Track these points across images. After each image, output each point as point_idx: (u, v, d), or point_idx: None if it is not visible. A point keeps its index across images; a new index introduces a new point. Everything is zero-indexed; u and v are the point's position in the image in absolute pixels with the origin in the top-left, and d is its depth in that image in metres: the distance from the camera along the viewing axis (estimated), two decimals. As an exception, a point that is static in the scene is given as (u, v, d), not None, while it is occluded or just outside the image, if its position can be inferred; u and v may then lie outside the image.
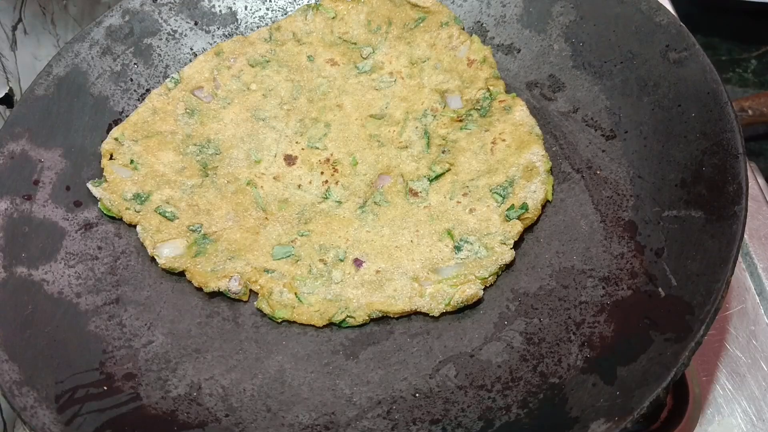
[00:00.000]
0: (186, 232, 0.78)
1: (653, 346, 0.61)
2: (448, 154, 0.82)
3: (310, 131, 0.85)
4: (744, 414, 0.73)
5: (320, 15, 0.93)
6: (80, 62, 0.88)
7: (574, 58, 0.85)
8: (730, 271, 0.61)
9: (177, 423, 0.66)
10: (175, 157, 0.84)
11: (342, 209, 0.79)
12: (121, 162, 0.82)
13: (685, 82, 0.75)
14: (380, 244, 0.76)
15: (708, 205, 0.66)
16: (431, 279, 0.73)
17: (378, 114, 0.86)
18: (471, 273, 0.72)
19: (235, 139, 0.85)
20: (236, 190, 0.81)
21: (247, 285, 0.75)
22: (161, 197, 0.80)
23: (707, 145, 0.70)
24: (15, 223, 0.77)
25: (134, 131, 0.85)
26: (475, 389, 0.66)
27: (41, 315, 0.71)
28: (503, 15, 0.90)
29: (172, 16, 0.94)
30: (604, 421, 0.57)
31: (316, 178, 0.82)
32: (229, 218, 0.79)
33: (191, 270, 0.76)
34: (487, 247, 0.74)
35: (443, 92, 0.86)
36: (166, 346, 0.72)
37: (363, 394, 0.67)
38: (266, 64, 0.90)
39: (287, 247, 0.77)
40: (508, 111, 0.83)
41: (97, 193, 0.80)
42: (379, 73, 0.89)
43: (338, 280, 0.74)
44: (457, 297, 0.70)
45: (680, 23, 0.78)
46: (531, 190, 0.76)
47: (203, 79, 0.89)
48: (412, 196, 0.79)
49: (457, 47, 0.89)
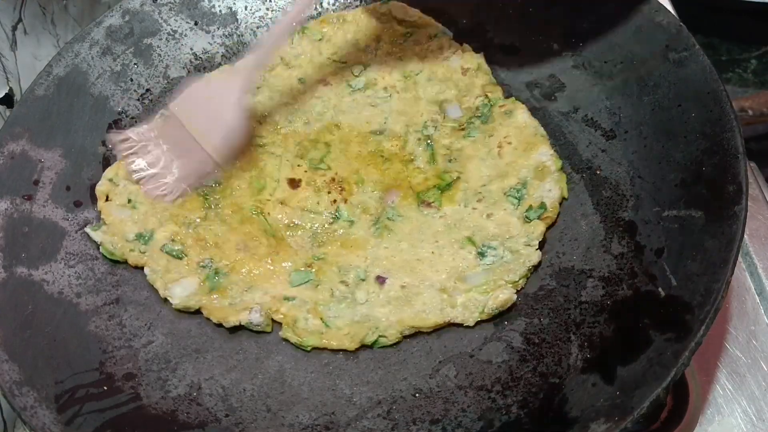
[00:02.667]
0: (197, 269, 0.75)
1: (653, 346, 0.61)
2: (456, 162, 0.81)
3: (310, 153, 0.83)
4: (744, 414, 0.73)
5: (306, 38, 0.92)
6: (80, 62, 0.88)
7: (574, 58, 0.85)
8: (730, 271, 0.61)
9: (177, 423, 0.66)
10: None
11: (355, 228, 0.77)
12: (119, 202, 0.79)
13: (685, 82, 0.75)
14: (401, 259, 0.74)
15: (708, 205, 0.66)
16: (460, 288, 0.71)
17: (378, 130, 0.84)
18: (500, 278, 0.71)
19: (235, 169, 0.82)
20: (243, 219, 0.78)
21: (268, 315, 0.72)
22: (165, 234, 0.77)
23: (707, 145, 0.70)
24: (15, 223, 0.77)
25: (128, 170, 0.81)
26: (475, 389, 0.66)
27: (41, 315, 0.71)
28: (503, 15, 0.90)
29: (172, 16, 0.94)
30: (604, 421, 0.57)
31: (324, 198, 0.80)
32: (239, 249, 0.76)
33: (208, 307, 0.73)
34: (511, 250, 0.73)
35: (441, 102, 0.86)
36: (166, 346, 0.72)
37: (363, 394, 0.68)
38: (257, 90, 0.89)
39: (305, 272, 0.75)
40: (510, 115, 0.82)
41: (98, 238, 0.77)
42: (374, 89, 0.88)
43: (363, 300, 0.72)
44: (490, 304, 0.69)
45: (680, 23, 0.78)
46: (546, 189, 0.76)
47: None
48: (425, 208, 0.78)
49: (448, 57, 0.88)
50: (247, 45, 0.95)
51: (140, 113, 0.89)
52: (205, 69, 0.93)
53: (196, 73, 0.92)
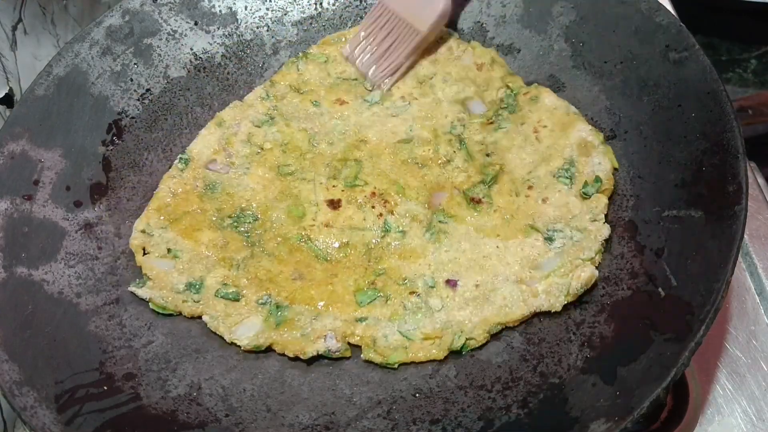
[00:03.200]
0: (257, 307, 0.73)
1: (653, 346, 0.61)
2: (494, 155, 0.80)
3: (343, 172, 0.82)
4: (744, 414, 0.73)
5: (311, 62, 0.92)
6: (80, 62, 0.88)
7: (574, 58, 0.85)
8: (730, 271, 0.61)
9: (177, 423, 0.66)
10: (213, 235, 0.78)
11: (409, 238, 0.76)
12: (158, 254, 0.77)
13: (685, 82, 0.75)
14: (466, 259, 0.73)
15: (708, 205, 0.66)
16: (536, 276, 0.71)
17: (406, 138, 0.83)
18: (576, 258, 0.70)
19: (269, 201, 0.81)
20: (291, 249, 0.77)
21: (344, 339, 0.70)
22: (216, 279, 0.75)
23: (707, 145, 0.70)
24: (15, 223, 0.77)
25: (159, 218, 0.80)
26: (475, 389, 0.66)
27: (41, 315, 0.71)
28: (503, 15, 0.90)
29: (172, 16, 0.94)
30: (604, 421, 0.57)
31: (369, 214, 0.78)
32: (294, 279, 0.75)
33: (280, 342, 0.71)
34: (579, 229, 0.73)
35: (463, 101, 0.85)
36: (166, 346, 0.72)
37: (363, 394, 0.68)
38: (272, 121, 0.87)
39: (370, 291, 0.73)
40: (536, 101, 0.82)
41: (145, 294, 0.74)
42: (391, 100, 0.87)
43: (439, 307, 0.71)
44: (574, 284, 0.69)
45: (680, 23, 0.78)
46: (595, 162, 0.76)
47: (212, 152, 0.85)
48: (476, 205, 0.77)
49: (460, 56, 0.88)
50: (248, 45, 0.95)
51: (140, 113, 0.89)
52: (205, 69, 0.93)
53: (196, 73, 0.92)
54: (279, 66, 0.94)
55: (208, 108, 0.91)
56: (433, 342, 0.69)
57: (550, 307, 0.69)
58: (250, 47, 0.95)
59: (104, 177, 0.83)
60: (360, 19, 0.95)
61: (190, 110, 0.91)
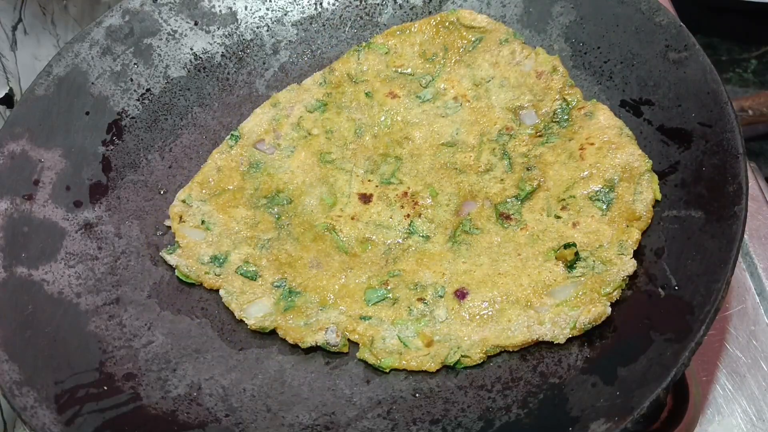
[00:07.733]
0: (271, 289, 0.75)
1: (653, 346, 0.61)
2: (535, 170, 0.77)
3: (381, 168, 0.82)
4: (744, 414, 0.73)
5: (372, 53, 0.91)
6: (80, 62, 0.88)
7: (574, 58, 0.85)
8: (730, 271, 0.61)
9: (177, 423, 0.66)
10: (247, 213, 0.80)
11: (431, 243, 0.75)
12: (192, 224, 0.80)
13: (685, 82, 0.75)
14: (481, 273, 0.71)
15: (708, 205, 0.66)
16: (547, 304, 0.68)
17: (450, 141, 0.82)
18: (593, 291, 0.67)
19: (305, 186, 0.82)
20: (315, 237, 0.78)
21: (345, 335, 0.70)
22: (240, 256, 0.77)
23: (707, 145, 0.70)
24: (15, 223, 0.77)
25: (201, 191, 0.82)
26: (475, 389, 0.66)
27: (41, 315, 0.71)
28: (503, 15, 0.90)
29: (172, 16, 0.94)
30: (604, 421, 0.57)
31: (396, 213, 0.78)
32: (311, 266, 0.75)
33: (283, 327, 0.71)
34: (603, 260, 0.68)
35: (516, 109, 0.83)
36: (166, 346, 0.72)
37: (363, 394, 0.68)
38: (324, 107, 0.88)
39: (380, 290, 0.73)
40: (590, 117, 0.78)
41: (173, 261, 0.77)
42: (443, 99, 0.86)
43: (443, 318, 0.70)
44: (582, 319, 0.65)
45: (680, 23, 0.78)
46: (637, 192, 0.71)
47: (263, 131, 0.86)
48: (504, 220, 0.75)
49: (521, 62, 0.85)
50: (248, 45, 0.95)
51: (140, 113, 0.89)
52: (205, 69, 0.93)
53: (196, 73, 0.92)
54: (279, 66, 0.94)
55: (208, 108, 0.91)
56: (427, 353, 0.68)
57: (553, 338, 0.66)
58: (250, 47, 0.95)
59: (104, 177, 0.83)
60: (360, 19, 0.95)
61: (190, 110, 0.91)
